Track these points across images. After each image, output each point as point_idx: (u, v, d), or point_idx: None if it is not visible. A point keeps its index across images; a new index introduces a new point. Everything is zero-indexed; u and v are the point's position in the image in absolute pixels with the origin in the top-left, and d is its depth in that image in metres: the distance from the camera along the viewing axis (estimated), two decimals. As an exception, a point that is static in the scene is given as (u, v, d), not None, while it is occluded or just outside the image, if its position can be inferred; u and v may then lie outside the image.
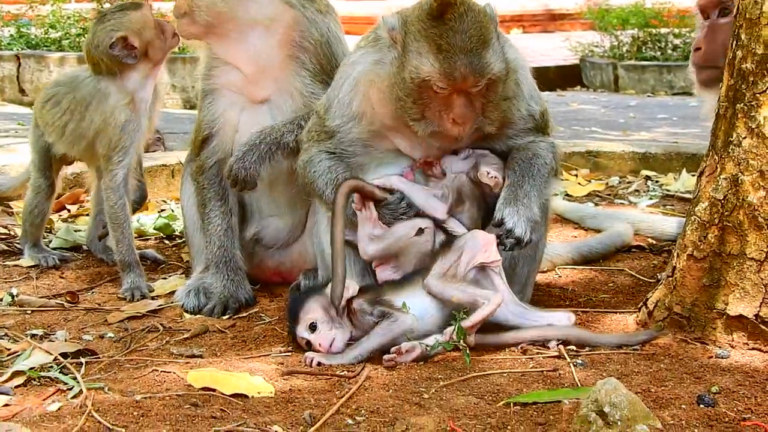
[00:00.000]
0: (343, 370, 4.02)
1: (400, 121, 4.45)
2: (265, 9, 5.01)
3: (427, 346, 4.12)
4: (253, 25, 5.00)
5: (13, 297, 5.08)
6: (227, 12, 4.94)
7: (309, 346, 4.22)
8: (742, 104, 4.10)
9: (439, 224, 4.48)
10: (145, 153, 8.53)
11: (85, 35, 15.84)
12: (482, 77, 4.25)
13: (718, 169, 4.19)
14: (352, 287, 4.25)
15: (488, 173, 4.51)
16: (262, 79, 5.08)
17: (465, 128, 4.36)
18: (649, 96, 15.76)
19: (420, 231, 4.42)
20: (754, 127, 4.07)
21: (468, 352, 4.07)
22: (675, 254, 4.40)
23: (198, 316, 4.92)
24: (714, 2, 5.04)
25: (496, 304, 4.13)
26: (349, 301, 4.24)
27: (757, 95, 4.05)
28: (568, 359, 4.08)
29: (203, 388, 3.80)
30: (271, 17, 5.02)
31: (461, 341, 4.08)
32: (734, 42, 4.16)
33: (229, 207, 5.24)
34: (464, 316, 4.10)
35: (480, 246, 4.31)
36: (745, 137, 4.09)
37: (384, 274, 4.48)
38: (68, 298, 5.12)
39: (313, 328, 4.21)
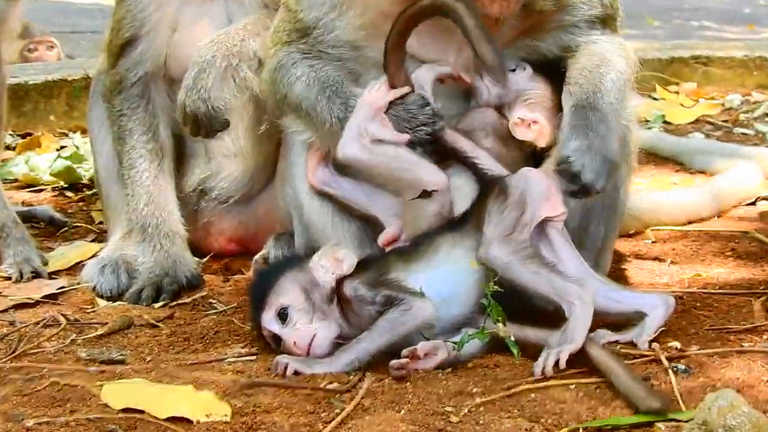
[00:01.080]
0: (332, 382, 4.03)
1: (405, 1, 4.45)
2: None
3: (454, 344, 4.15)
4: None
5: None
6: None
7: (279, 343, 4.25)
8: None
9: (469, 162, 4.52)
10: (24, 62, 8.58)
11: None
12: None
13: None
14: (347, 260, 4.28)
15: (524, 120, 4.55)
16: None
17: (510, 3, 4.37)
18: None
19: (426, 194, 4.44)
20: None
21: (513, 340, 4.11)
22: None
23: (118, 303, 4.97)
24: None
25: (589, 309, 4.16)
26: (340, 281, 4.27)
27: None
28: (666, 363, 4.09)
29: (125, 410, 3.82)
30: None
31: (502, 328, 4.14)
32: None
33: (160, 143, 5.29)
34: (496, 288, 4.15)
35: (542, 192, 4.35)
36: None
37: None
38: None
39: (283, 316, 4.23)
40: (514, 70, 4.64)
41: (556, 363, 3.98)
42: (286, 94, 4.73)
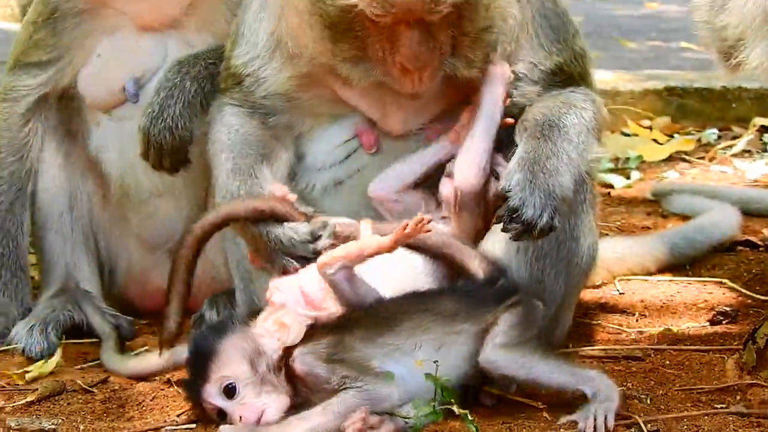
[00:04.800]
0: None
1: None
2: None
3: (406, 420, 4.16)
4: None
5: None
6: None
7: (221, 416, 4.26)
8: None
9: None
10: None
11: None
12: (439, 1, 4.25)
13: None
14: (294, 327, 4.25)
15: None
16: None
17: (423, 78, 4.42)
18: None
19: None
20: None
21: (470, 418, 4.11)
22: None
23: (49, 364, 4.96)
24: None
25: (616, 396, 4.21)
26: (288, 350, 4.25)
27: None
28: (644, 426, 4.11)
29: (57, 486, 3.87)
30: None
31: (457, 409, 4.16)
32: None
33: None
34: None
35: None
36: None
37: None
38: None
39: (230, 392, 4.23)
40: None
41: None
42: (209, 147, 4.82)
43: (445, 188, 4.66)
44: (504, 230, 4.38)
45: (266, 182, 4.65)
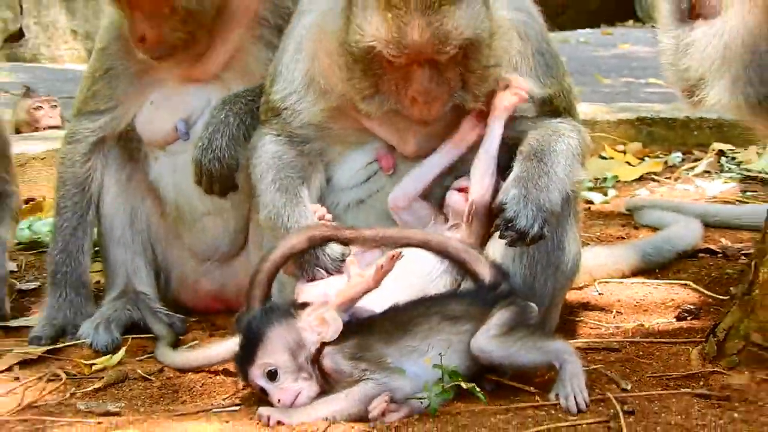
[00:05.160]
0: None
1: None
2: None
3: (421, 400, 4.19)
4: None
5: None
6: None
7: (263, 391, 4.29)
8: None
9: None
10: (32, 120, 8.55)
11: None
12: (446, 44, 4.30)
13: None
14: (333, 325, 4.27)
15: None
16: (209, 53, 5.24)
17: (432, 109, 4.45)
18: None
19: None
20: None
21: (478, 390, 4.17)
22: (752, 265, 4.48)
23: (114, 357, 5.01)
24: None
25: (581, 373, 4.26)
26: (323, 345, 4.29)
27: None
28: (619, 408, 4.12)
29: (121, 459, 3.90)
30: None
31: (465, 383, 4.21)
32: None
33: (88, 195, 5.44)
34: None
35: None
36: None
37: None
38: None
39: (272, 376, 4.26)
40: None
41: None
42: (253, 170, 4.83)
43: (452, 200, 4.71)
44: (501, 237, 4.43)
45: (306, 201, 4.69)
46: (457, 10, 4.28)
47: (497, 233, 4.47)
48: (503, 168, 4.67)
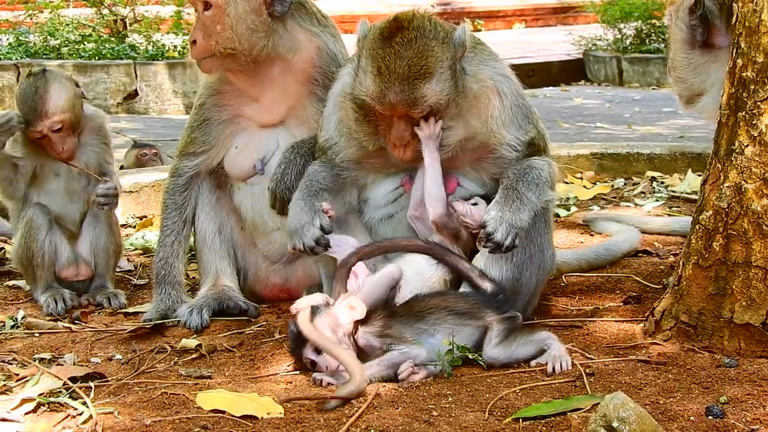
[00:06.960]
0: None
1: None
2: (289, 41, 5.07)
3: (436, 365, 4.19)
4: (275, 58, 5.06)
5: (17, 320, 5.15)
6: (250, 48, 4.96)
7: (313, 366, 4.26)
8: (743, 112, 4.15)
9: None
10: (139, 165, 8.61)
11: (85, 42, 15.73)
12: (415, 107, 4.35)
13: (722, 178, 4.24)
14: (359, 307, 4.25)
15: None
16: (276, 105, 5.18)
17: (406, 152, 4.48)
18: (653, 89, 15.77)
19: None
20: (756, 135, 4.12)
21: (480, 358, 4.21)
22: (681, 262, 4.45)
23: (203, 336, 4.95)
24: None
25: (563, 349, 4.24)
26: (357, 323, 4.25)
27: (759, 103, 4.10)
28: (582, 371, 4.11)
29: (212, 411, 3.84)
30: (294, 49, 5.09)
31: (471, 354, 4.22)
32: (734, 50, 4.21)
33: (184, 217, 5.35)
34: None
35: None
36: (747, 145, 4.14)
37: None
38: (80, 318, 5.24)
39: (320, 351, 4.23)
40: (475, 204, 4.68)
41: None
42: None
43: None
44: (484, 247, 4.42)
45: (321, 198, 4.67)
46: (426, 83, 4.31)
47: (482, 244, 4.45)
48: (491, 197, 4.64)
